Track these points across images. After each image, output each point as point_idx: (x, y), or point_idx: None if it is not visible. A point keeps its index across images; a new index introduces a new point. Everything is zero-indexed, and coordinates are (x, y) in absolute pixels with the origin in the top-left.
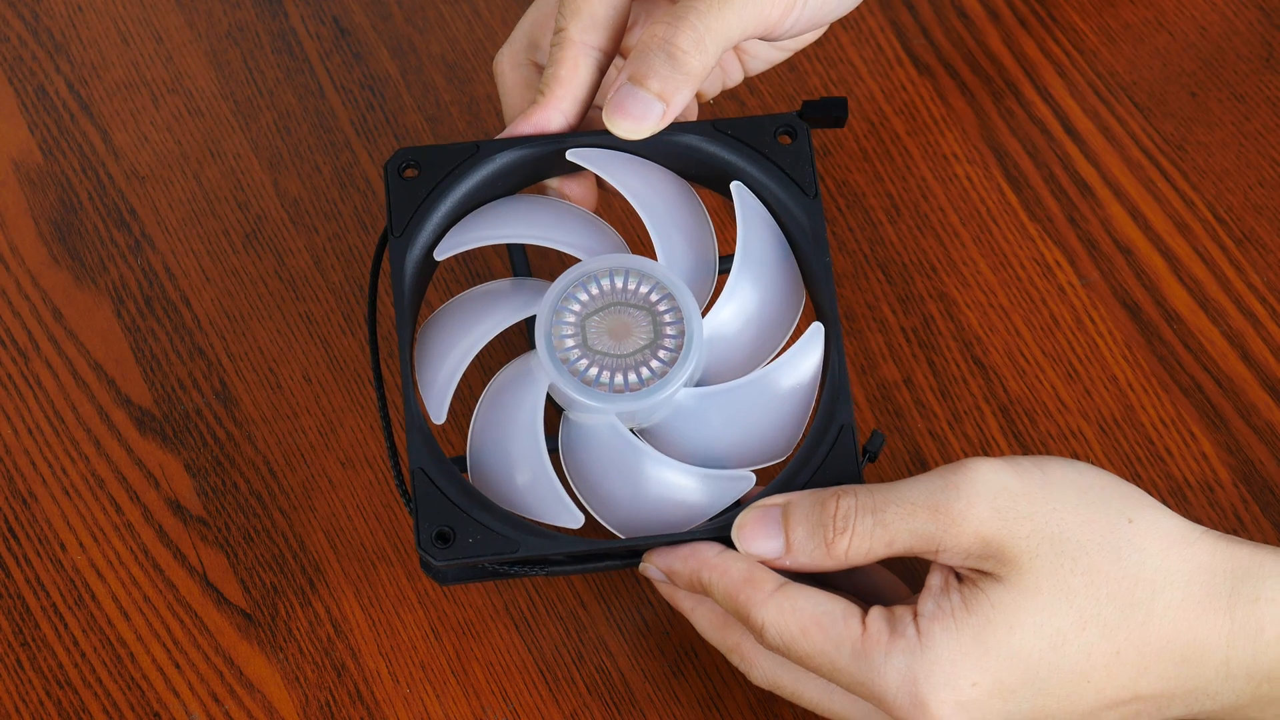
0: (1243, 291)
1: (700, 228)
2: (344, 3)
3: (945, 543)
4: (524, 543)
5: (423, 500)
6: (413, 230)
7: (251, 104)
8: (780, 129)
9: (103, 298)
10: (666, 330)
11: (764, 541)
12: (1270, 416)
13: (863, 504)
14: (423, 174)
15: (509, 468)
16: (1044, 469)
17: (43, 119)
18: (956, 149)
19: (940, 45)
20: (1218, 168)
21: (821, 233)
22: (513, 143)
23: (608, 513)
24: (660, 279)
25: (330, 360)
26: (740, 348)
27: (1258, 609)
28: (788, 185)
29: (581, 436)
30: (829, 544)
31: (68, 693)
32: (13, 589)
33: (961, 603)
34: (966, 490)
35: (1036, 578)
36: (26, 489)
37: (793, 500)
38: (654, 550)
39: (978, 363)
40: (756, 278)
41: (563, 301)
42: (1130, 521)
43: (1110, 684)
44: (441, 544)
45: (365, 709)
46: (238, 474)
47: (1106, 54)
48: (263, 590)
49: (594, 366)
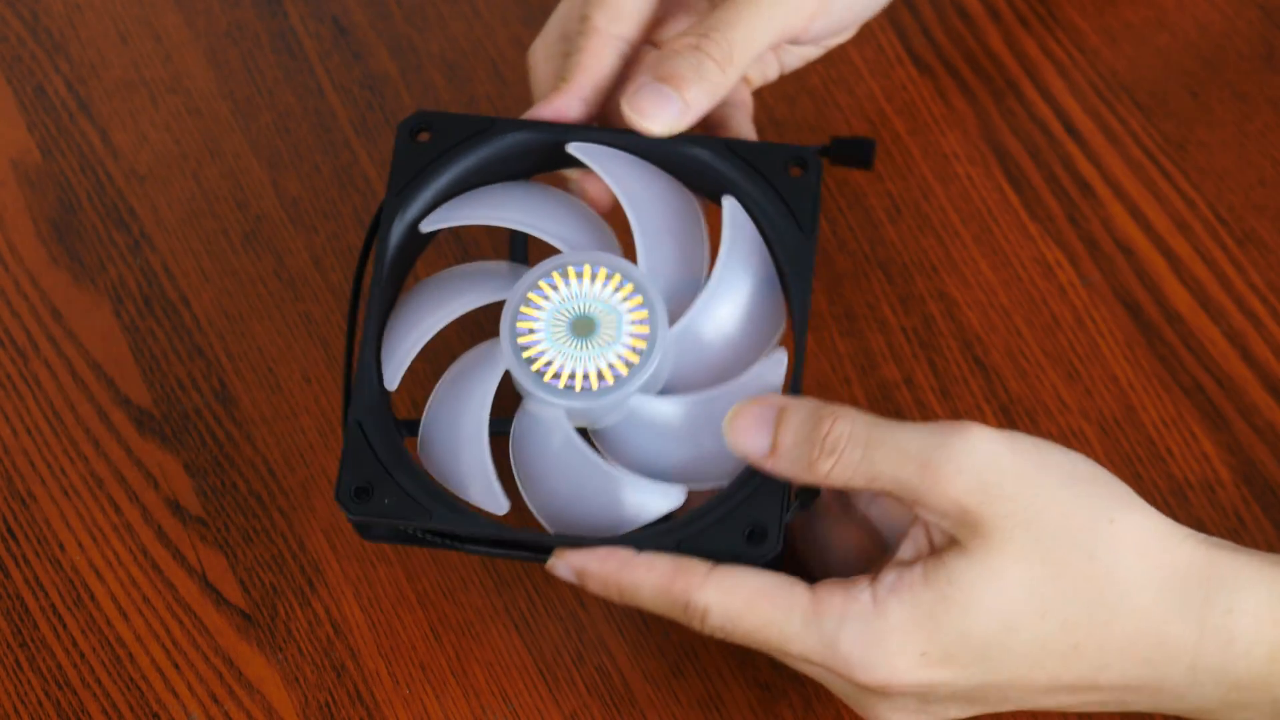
0: (1244, 291)
1: (692, 240)
2: (343, 2)
3: (924, 499)
4: (438, 514)
5: (350, 452)
6: (410, 194)
7: (250, 103)
8: (792, 160)
9: (102, 297)
10: (631, 335)
11: (753, 437)
12: (1271, 416)
13: (856, 435)
14: (434, 140)
15: (454, 443)
16: (1041, 452)
17: (41, 118)
18: (957, 148)
19: (941, 44)
20: (1219, 167)
21: (807, 272)
22: (526, 124)
23: (540, 505)
24: (636, 282)
25: (330, 360)
26: (707, 365)
27: (1229, 619)
28: (785, 217)
29: (530, 427)
30: (813, 461)
31: (67, 693)
32: (11, 589)
33: (922, 576)
34: (959, 455)
35: (1004, 560)
36: (25, 489)
37: (789, 405)
38: (564, 550)
39: (978, 363)
40: (733, 296)
41: (534, 290)
42: (1112, 521)
43: (1067, 672)
44: (358, 498)
45: (365, 709)
46: (237, 474)
47: (1107, 53)
48: (262, 590)
49: (552, 360)
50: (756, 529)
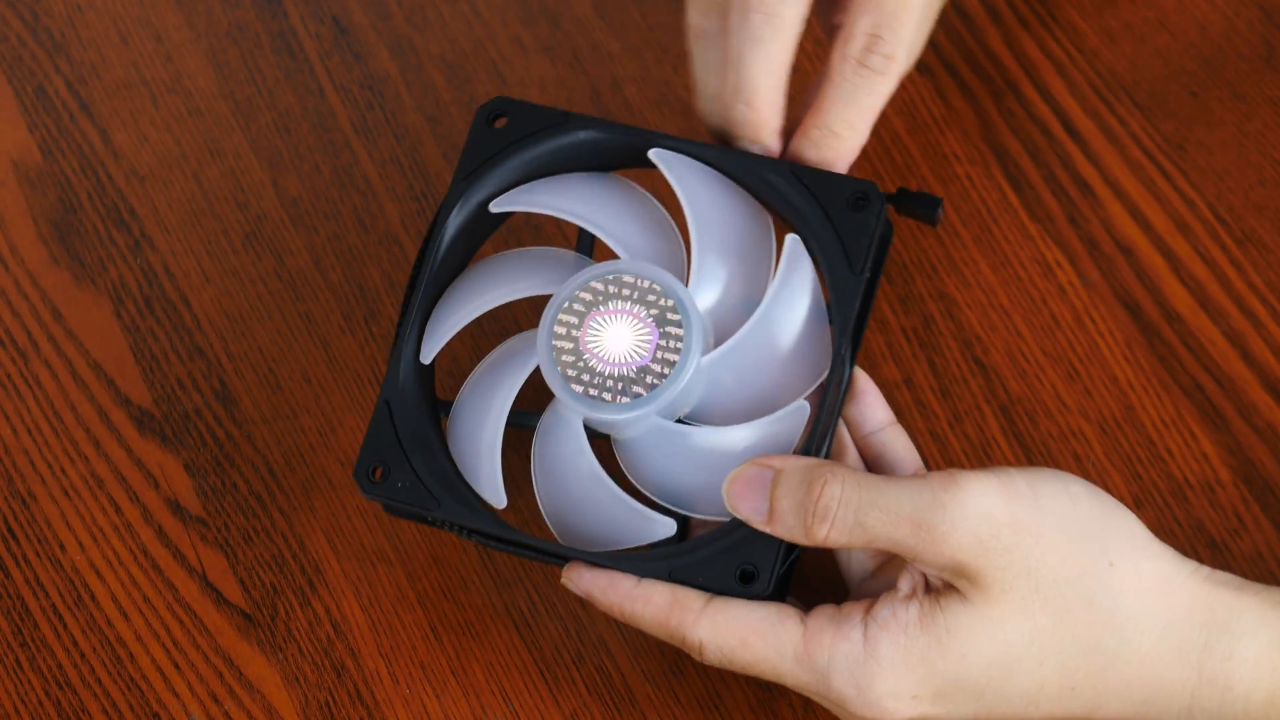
0: (1243, 291)
1: (758, 263)
2: (343, 2)
3: (922, 556)
4: (445, 505)
5: (373, 431)
6: (480, 176)
7: (251, 104)
8: (855, 194)
9: (102, 297)
10: (663, 356)
11: (750, 502)
12: (1271, 416)
13: (848, 497)
14: (509, 127)
15: (475, 428)
16: (1036, 494)
17: (42, 119)
18: (957, 149)
19: (940, 45)
20: (1218, 167)
21: (850, 311)
22: (602, 124)
23: (547, 505)
24: (680, 303)
25: (330, 360)
26: (738, 399)
27: (1229, 666)
28: (838, 253)
29: (552, 425)
30: (808, 527)
31: (67, 693)
32: (12, 589)
33: (918, 619)
34: (953, 512)
35: (1004, 610)
36: (26, 489)
37: (785, 469)
38: (574, 568)
39: (978, 363)
40: (776, 335)
41: (580, 290)
42: (1111, 565)
43: (1062, 711)
44: (373, 479)
45: (365, 709)
46: (237, 474)
47: (1107, 54)
48: (262, 590)
49: (581, 366)
50: (748, 569)
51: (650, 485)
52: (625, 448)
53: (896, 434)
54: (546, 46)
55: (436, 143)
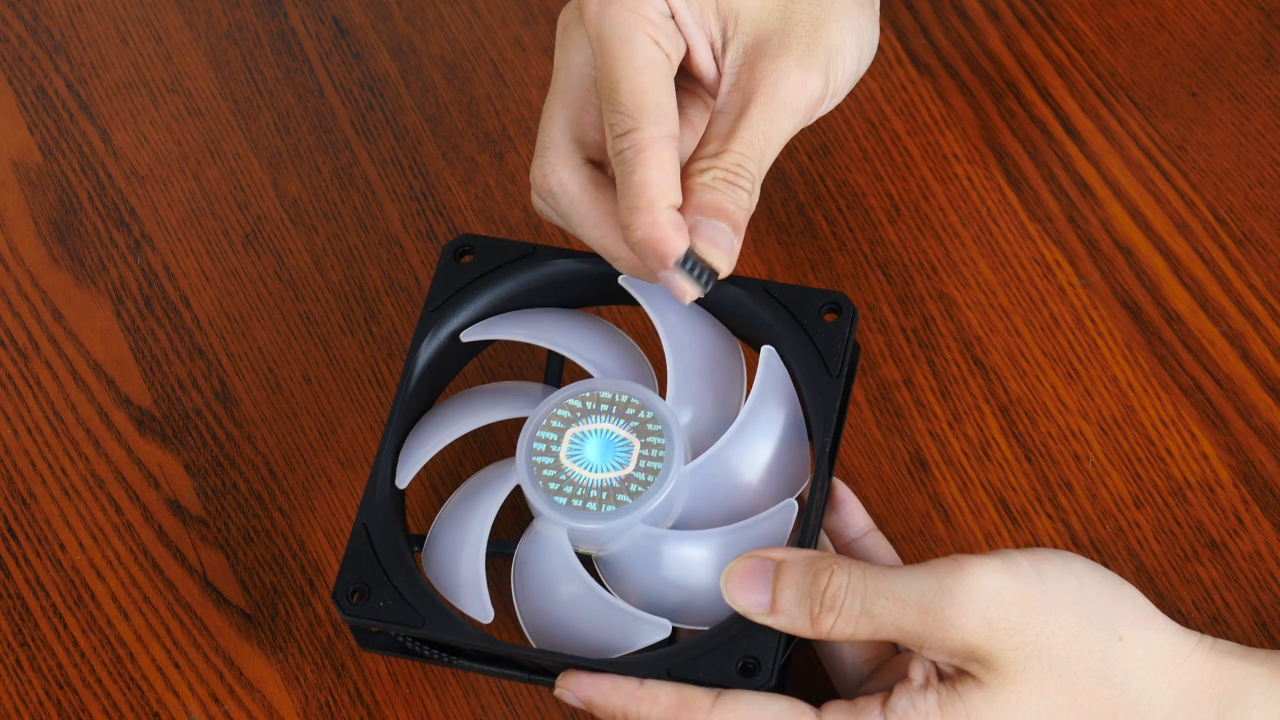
0: (1243, 292)
1: (729, 384)
2: (344, 3)
3: (931, 643)
4: (431, 621)
5: (352, 553)
6: (451, 308)
7: (251, 104)
8: (827, 306)
9: (102, 298)
10: (646, 465)
11: (751, 594)
12: (1270, 417)
13: (854, 587)
14: (475, 261)
15: (453, 548)
16: (1041, 573)
17: (42, 119)
18: (956, 149)
19: (940, 45)
20: (1218, 168)
21: (831, 413)
22: (568, 253)
23: (532, 623)
24: (659, 414)
25: (330, 360)
26: (721, 507)
27: None
28: (814, 359)
29: (534, 544)
30: (814, 618)
31: (67, 693)
32: (12, 589)
33: (938, 707)
34: (960, 596)
35: (1021, 691)
36: (26, 489)
37: (787, 560)
38: (570, 676)
39: (978, 363)
40: (756, 442)
41: (558, 409)
42: (1121, 639)
43: None
44: (354, 599)
45: (365, 709)
46: (237, 474)
47: (1106, 54)
48: (263, 590)
49: (563, 479)
50: (749, 662)
51: (638, 598)
52: (609, 563)
53: (878, 540)
54: (546, 46)
55: (436, 143)
